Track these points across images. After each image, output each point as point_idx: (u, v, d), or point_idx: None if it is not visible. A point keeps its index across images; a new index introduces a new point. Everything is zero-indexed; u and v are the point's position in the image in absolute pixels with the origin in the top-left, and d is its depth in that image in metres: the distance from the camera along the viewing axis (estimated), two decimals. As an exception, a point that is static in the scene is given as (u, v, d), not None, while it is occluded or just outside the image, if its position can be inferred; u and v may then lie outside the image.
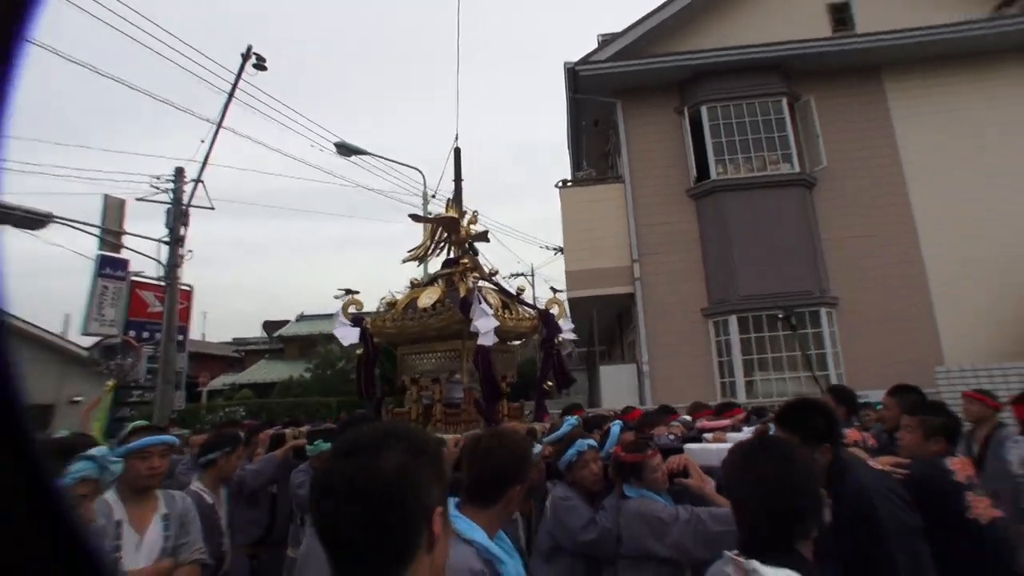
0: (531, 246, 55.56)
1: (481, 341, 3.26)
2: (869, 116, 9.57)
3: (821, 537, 2.10)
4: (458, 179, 11.19)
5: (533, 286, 29.69)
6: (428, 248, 4.11)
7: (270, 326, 34.32)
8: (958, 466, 2.44)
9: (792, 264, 8.67)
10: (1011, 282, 8.60)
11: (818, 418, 2.14)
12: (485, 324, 3.26)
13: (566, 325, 4.18)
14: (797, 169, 9.19)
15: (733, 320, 8.59)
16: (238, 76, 10.54)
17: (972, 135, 9.24)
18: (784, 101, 9.42)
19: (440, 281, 3.87)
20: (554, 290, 4.88)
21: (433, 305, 3.59)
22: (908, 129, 9.42)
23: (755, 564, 1.29)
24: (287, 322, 33.59)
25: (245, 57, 10.54)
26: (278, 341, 32.05)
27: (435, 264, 4.35)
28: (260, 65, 10.69)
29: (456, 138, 9.56)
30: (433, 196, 15.22)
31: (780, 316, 6.55)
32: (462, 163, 11.13)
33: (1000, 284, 8.63)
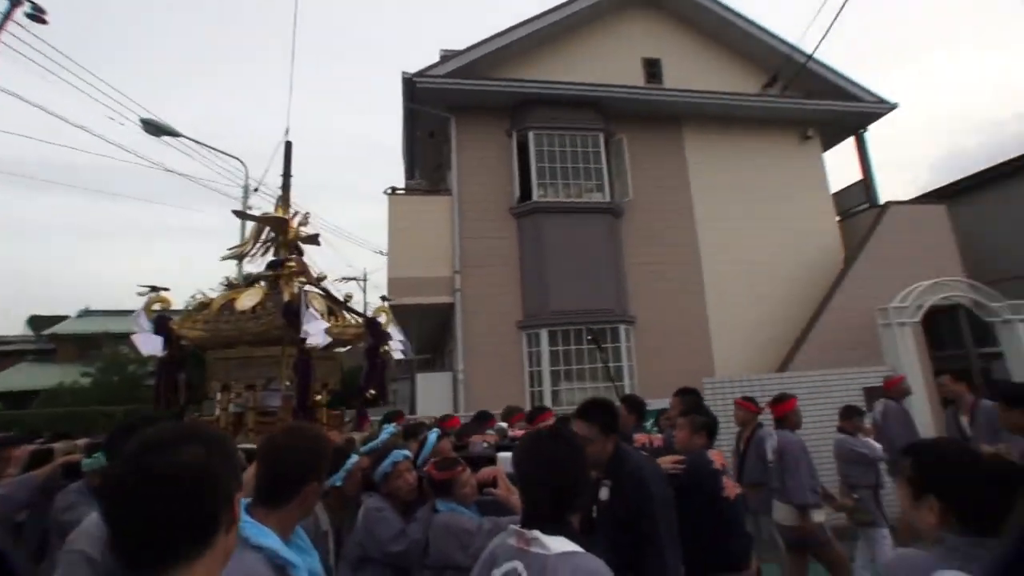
0: (362, 249, 54.12)
1: (311, 342, 3.21)
2: (669, 159, 10.95)
3: (600, 519, 2.52)
4: (287, 174, 10.55)
5: (364, 291, 28.91)
6: (251, 247, 3.92)
7: (39, 322, 29.08)
8: (715, 457, 3.14)
9: (598, 284, 9.56)
10: (774, 308, 10.43)
11: (608, 414, 2.63)
12: (315, 327, 3.24)
13: (396, 334, 4.19)
14: (608, 199, 10.17)
15: (544, 333, 9.19)
16: (3, 21, 8.77)
17: (750, 184, 11.07)
18: (601, 136, 10.40)
19: (263, 283, 3.69)
20: (384, 298, 4.84)
21: (253, 308, 3.45)
22: (699, 173, 10.95)
23: (536, 532, 1.50)
24: (65, 317, 28.65)
25: (14, 3, 8.82)
26: (49, 340, 27.11)
27: (254, 263, 4.10)
28: (38, 16, 9.01)
29: (287, 131, 9.03)
30: (256, 189, 14.19)
31: (588, 337, 7.18)
32: (292, 158, 10.53)
33: (767, 309, 10.39)
